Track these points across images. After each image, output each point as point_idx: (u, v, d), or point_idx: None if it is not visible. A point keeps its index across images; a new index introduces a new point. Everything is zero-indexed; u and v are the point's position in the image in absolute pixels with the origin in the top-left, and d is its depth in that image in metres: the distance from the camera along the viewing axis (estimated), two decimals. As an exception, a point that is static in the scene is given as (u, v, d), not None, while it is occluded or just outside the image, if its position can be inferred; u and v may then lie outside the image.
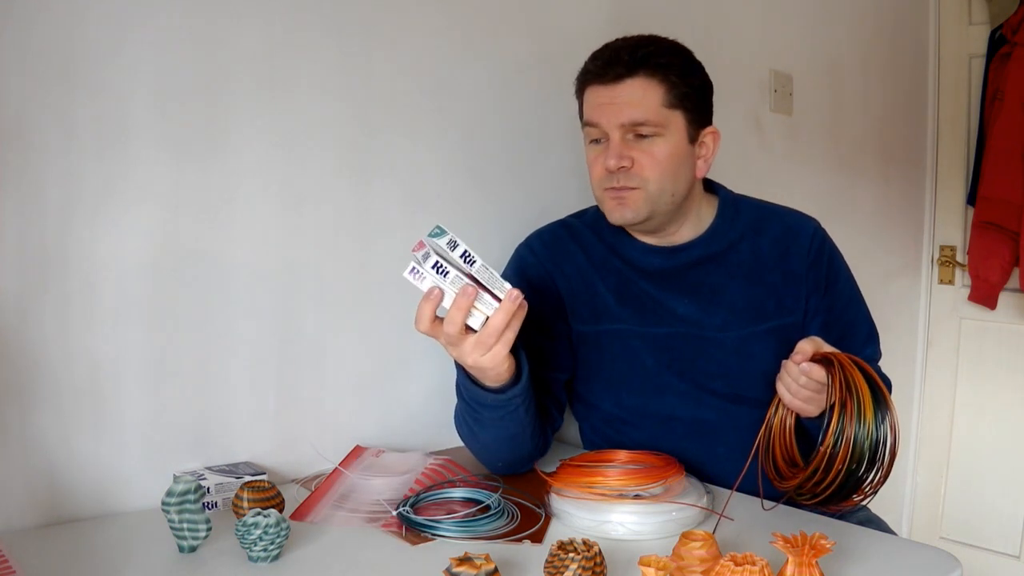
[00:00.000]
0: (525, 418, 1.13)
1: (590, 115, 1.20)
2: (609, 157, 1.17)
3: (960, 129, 2.50)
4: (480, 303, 0.96)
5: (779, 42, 2.01)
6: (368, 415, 1.33)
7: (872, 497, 1.04)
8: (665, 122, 1.17)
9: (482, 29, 1.42)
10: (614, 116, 1.17)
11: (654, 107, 1.16)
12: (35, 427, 1.02)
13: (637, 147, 1.17)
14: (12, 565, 0.87)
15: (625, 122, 1.16)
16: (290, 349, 1.24)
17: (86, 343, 1.05)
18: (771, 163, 2.01)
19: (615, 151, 1.17)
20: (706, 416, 1.26)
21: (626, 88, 1.16)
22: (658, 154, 1.17)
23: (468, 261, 0.95)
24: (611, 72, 1.17)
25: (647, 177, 1.18)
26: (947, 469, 2.54)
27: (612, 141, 1.17)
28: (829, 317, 1.26)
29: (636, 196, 1.18)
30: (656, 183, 1.18)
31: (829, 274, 1.27)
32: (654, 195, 1.19)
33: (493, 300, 0.97)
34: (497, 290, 0.97)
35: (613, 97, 1.17)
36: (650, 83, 1.16)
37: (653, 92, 1.16)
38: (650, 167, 1.17)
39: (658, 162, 1.17)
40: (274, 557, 0.92)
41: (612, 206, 1.21)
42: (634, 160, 1.17)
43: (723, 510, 1.04)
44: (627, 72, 1.16)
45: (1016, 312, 2.39)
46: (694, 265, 1.27)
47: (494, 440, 1.17)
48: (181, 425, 1.14)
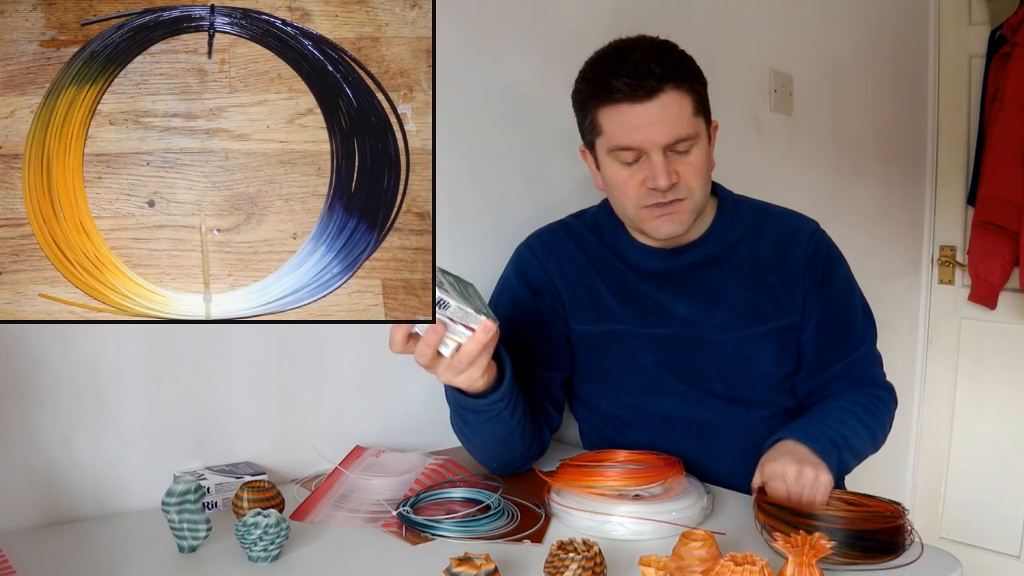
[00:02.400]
0: (511, 421, 1.13)
1: (624, 139, 1.14)
2: (659, 178, 1.13)
3: (960, 129, 2.50)
4: (452, 333, 0.97)
5: (779, 42, 2.01)
6: (368, 415, 1.33)
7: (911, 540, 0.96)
8: (698, 131, 1.16)
9: (482, 28, 1.42)
10: (656, 136, 1.12)
11: (688, 119, 1.14)
12: (35, 427, 1.02)
13: (679, 160, 1.15)
14: (12, 565, 0.87)
15: (668, 141, 1.13)
16: (290, 349, 1.24)
17: (86, 343, 1.05)
18: (771, 163, 2.01)
19: (662, 170, 1.13)
20: (705, 417, 1.26)
21: (661, 104, 1.12)
22: (697, 163, 1.17)
23: (442, 306, 0.95)
24: (643, 88, 1.11)
25: (692, 187, 1.17)
26: (947, 469, 2.54)
27: (655, 161, 1.13)
28: (823, 316, 1.25)
29: (683, 207, 1.18)
30: (701, 191, 1.18)
31: (825, 273, 1.26)
32: (699, 203, 1.19)
33: (465, 330, 0.97)
34: (470, 323, 0.97)
35: (650, 116, 1.12)
36: (681, 95, 1.13)
37: (686, 104, 1.14)
38: (694, 177, 1.17)
39: (698, 170, 1.17)
40: (274, 557, 0.92)
41: (660, 223, 1.18)
42: (679, 174, 1.15)
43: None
44: (659, 86, 1.11)
45: (1016, 312, 2.39)
46: (694, 267, 1.27)
47: (483, 442, 1.17)
48: (181, 425, 1.14)
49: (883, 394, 1.26)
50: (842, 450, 1.11)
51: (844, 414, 1.17)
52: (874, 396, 1.24)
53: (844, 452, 1.11)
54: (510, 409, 1.11)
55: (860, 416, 1.18)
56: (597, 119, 1.17)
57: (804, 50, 2.08)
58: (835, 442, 1.10)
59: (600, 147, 1.19)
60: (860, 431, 1.16)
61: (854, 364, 1.25)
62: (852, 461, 1.15)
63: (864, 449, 1.18)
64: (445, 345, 0.98)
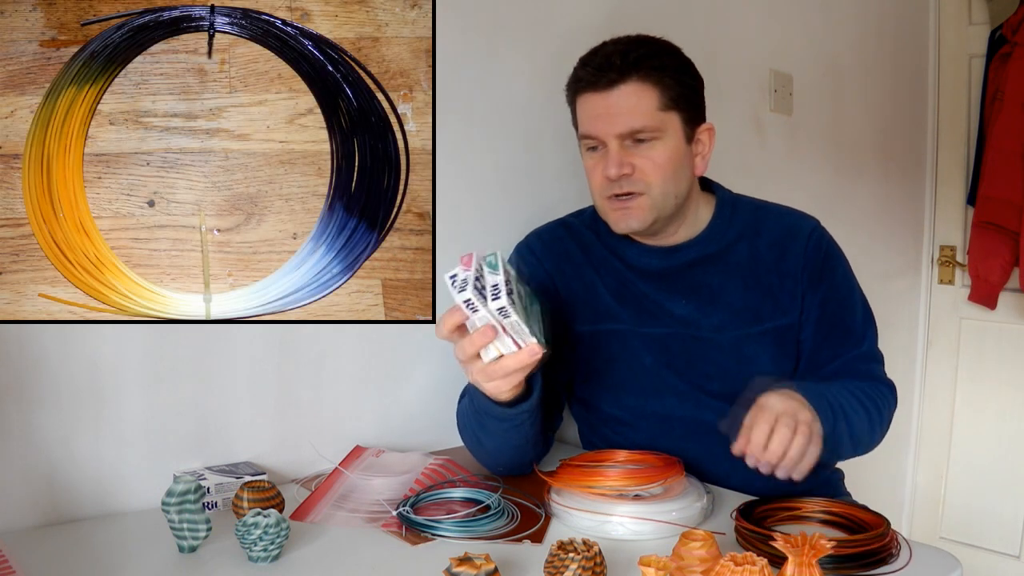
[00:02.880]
0: (531, 430, 1.13)
1: (586, 127, 1.18)
2: (609, 166, 1.15)
3: (960, 129, 2.50)
4: (499, 342, 0.96)
5: (779, 42, 2.01)
6: (368, 415, 1.33)
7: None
8: (662, 126, 1.16)
9: (481, 29, 1.42)
10: (610, 126, 1.15)
11: (650, 112, 1.15)
12: (35, 427, 1.02)
13: (637, 153, 1.16)
14: (12, 565, 0.87)
15: (622, 131, 1.15)
16: (290, 349, 1.24)
17: (86, 343, 1.05)
18: (771, 163, 2.01)
19: (614, 159, 1.15)
20: (705, 416, 1.26)
21: (620, 95, 1.14)
22: (658, 158, 1.16)
23: (503, 314, 0.93)
24: (603, 79, 1.15)
25: (650, 182, 1.17)
26: (947, 469, 2.54)
27: (610, 150, 1.16)
28: (822, 314, 1.24)
29: (640, 203, 1.18)
30: (659, 187, 1.17)
31: (824, 271, 1.25)
32: (658, 200, 1.18)
33: (513, 344, 0.97)
34: (522, 339, 0.96)
35: (608, 106, 1.15)
36: (644, 87, 1.15)
37: (648, 97, 1.15)
38: (652, 172, 1.16)
39: (659, 166, 1.16)
40: (274, 557, 0.92)
41: (617, 217, 1.20)
42: (635, 166, 1.16)
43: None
44: (619, 77, 1.14)
45: (1016, 312, 2.39)
46: (691, 266, 1.27)
47: (496, 448, 1.17)
48: (181, 425, 1.14)
49: (885, 389, 1.24)
50: (839, 420, 1.09)
51: (845, 392, 1.15)
52: (876, 388, 1.22)
53: (840, 423, 1.09)
54: (532, 420, 1.12)
55: (861, 400, 1.16)
56: (576, 109, 1.22)
57: (804, 50, 2.08)
58: (833, 408, 1.08)
59: (578, 137, 1.23)
60: (859, 411, 1.14)
61: (854, 362, 1.24)
62: (846, 441, 1.13)
63: (861, 433, 1.16)
64: (487, 351, 0.97)
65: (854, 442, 1.16)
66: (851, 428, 1.12)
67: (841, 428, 1.10)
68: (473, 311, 0.94)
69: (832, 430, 1.07)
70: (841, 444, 1.12)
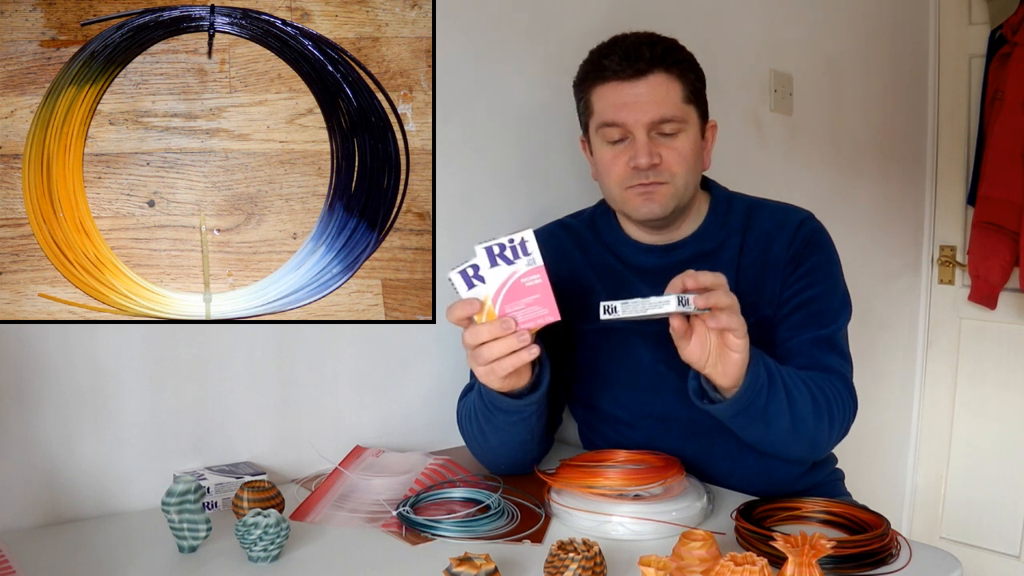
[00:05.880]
0: (537, 425, 1.14)
1: (611, 115, 1.18)
2: (640, 156, 1.15)
3: (960, 129, 2.50)
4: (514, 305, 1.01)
5: (779, 42, 2.01)
6: (368, 415, 1.33)
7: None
8: (686, 117, 1.18)
9: (482, 28, 1.42)
10: (641, 114, 1.16)
11: (676, 103, 1.17)
12: (35, 427, 1.02)
13: (663, 144, 1.17)
14: (12, 565, 0.87)
15: (653, 119, 1.16)
16: (290, 349, 1.24)
17: (86, 343, 1.05)
18: (771, 163, 2.01)
19: (645, 149, 1.16)
20: (704, 416, 1.25)
21: (649, 84, 1.16)
22: (682, 149, 1.18)
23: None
24: (631, 68, 1.15)
25: (675, 172, 1.18)
26: (947, 469, 2.54)
27: (639, 139, 1.16)
28: (793, 293, 1.21)
29: (665, 191, 1.18)
30: (683, 178, 1.19)
31: (804, 255, 1.22)
32: (680, 190, 1.19)
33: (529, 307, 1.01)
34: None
35: (637, 94, 1.16)
36: (671, 79, 1.17)
37: (675, 88, 1.17)
38: (677, 162, 1.18)
39: (684, 157, 1.18)
40: (274, 557, 0.92)
41: (640, 202, 1.19)
42: (662, 157, 1.17)
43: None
44: (648, 68, 1.15)
45: (1016, 312, 2.39)
46: (688, 263, 1.26)
47: (500, 443, 1.17)
48: (181, 425, 1.14)
49: (840, 384, 1.16)
50: (775, 379, 1.05)
51: (791, 370, 1.11)
52: (826, 379, 1.15)
53: (778, 390, 1.05)
54: (538, 413, 1.12)
55: (807, 383, 1.11)
56: (591, 99, 1.21)
57: (804, 50, 2.08)
58: (770, 371, 1.05)
59: (592, 127, 1.23)
60: (802, 389, 1.09)
61: (812, 344, 1.18)
62: (784, 409, 1.07)
63: (801, 408, 1.09)
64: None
65: (794, 417, 1.09)
66: (787, 389, 1.07)
67: (777, 385, 1.06)
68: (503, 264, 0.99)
69: (767, 378, 1.04)
70: (779, 412, 1.07)
